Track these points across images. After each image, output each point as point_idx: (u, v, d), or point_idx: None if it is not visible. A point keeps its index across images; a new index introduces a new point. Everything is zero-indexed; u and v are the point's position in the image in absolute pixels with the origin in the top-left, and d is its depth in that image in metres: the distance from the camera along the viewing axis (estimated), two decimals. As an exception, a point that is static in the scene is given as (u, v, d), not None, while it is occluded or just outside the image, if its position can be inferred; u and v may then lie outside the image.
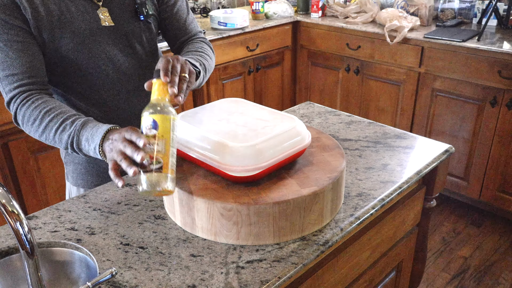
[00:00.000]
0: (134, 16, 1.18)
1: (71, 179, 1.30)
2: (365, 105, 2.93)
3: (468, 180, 2.59)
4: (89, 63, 1.12)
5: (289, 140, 0.97)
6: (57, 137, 1.01)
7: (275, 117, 1.05)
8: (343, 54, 2.91)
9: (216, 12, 2.78)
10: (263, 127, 1.00)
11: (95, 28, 1.11)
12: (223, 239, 0.91)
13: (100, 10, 1.12)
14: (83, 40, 1.10)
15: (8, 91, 1.04)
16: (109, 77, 1.16)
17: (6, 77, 1.04)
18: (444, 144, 1.27)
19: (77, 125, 0.99)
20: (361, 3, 2.91)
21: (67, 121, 1.00)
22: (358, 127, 1.39)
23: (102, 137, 0.94)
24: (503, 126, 2.35)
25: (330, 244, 0.92)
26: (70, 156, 1.27)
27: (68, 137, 0.99)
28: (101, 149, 0.94)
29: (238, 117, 1.06)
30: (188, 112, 1.10)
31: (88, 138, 0.97)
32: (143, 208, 1.03)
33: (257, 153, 0.92)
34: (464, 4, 2.80)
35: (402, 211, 1.21)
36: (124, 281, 0.82)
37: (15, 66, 1.03)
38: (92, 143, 0.95)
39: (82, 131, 0.98)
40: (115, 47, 1.15)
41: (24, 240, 0.69)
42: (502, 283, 2.18)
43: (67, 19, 1.07)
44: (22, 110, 1.03)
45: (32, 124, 1.03)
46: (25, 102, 1.03)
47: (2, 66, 1.03)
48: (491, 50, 2.27)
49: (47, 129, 1.01)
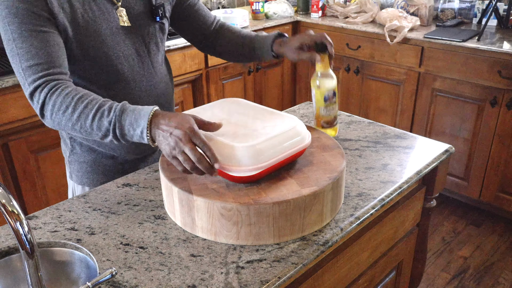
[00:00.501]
0: (149, 17, 1.20)
1: (76, 178, 1.30)
2: (365, 105, 2.93)
3: (468, 180, 2.59)
4: (106, 62, 1.13)
5: (289, 140, 0.97)
6: (95, 124, 0.97)
7: (275, 117, 1.04)
8: (343, 54, 2.91)
9: (216, 12, 2.78)
10: (263, 127, 1.00)
11: (114, 27, 1.13)
12: (223, 239, 0.91)
13: (119, 10, 1.14)
14: (104, 39, 1.11)
15: (32, 81, 1.00)
16: (124, 76, 1.17)
17: (29, 67, 1.00)
18: (444, 144, 1.28)
19: (116, 110, 0.95)
20: (361, 3, 2.91)
21: (104, 106, 0.96)
22: (358, 127, 1.39)
23: (149, 120, 0.91)
24: (503, 126, 2.35)
25: (330, 244, 0.92)
26: (74, 155, 1.26)
27: (109, 123, 0.95)
28: (149, 135, 0.92)
29: (238, 117, 1.05)
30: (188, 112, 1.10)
31: (132, 122, 0.94)
32: (143, 208, 1.03)
33: (258, 153, 0.92)
34: (464, 4, 2.80)
35: (402, 211, 1.21)
36: (124, 281, 0.82)
37: (40, 56, 1.00)
38: (137, 127, 0.93)
39: (123, 115, 0.95)
40: (131, 47, 1.17)
41: (24, 240, 0.69)
42: (502, 283, 2.18)
43: (89, 17, 1.08)
44: (52, 98, 0.99)
45: (64, 112, 0.98)
46: (55, 90, 0.99)
47: (25, 57, 0.99)
48: (491, 50, 2.27)
49: (82, 116, 0.97)
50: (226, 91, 2.81)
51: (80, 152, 1.25)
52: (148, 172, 1.17)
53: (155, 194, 1.08)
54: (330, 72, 1.15)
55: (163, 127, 0.90)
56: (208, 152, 0.88)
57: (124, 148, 1.24)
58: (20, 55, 0.99)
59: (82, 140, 1.23)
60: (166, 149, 0.90)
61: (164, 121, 0.90)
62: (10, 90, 1.88)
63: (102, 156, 1.25)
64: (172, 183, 0.94)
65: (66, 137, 1.26)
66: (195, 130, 0.88)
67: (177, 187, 0.92)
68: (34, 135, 2.01)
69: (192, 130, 0.88)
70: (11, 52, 1.01)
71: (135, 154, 1.28)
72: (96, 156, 1.25)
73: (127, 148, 1.25)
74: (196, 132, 0.88)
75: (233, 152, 0.91)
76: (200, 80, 2.65)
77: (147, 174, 1.16)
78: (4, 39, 1.01)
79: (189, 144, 0.87)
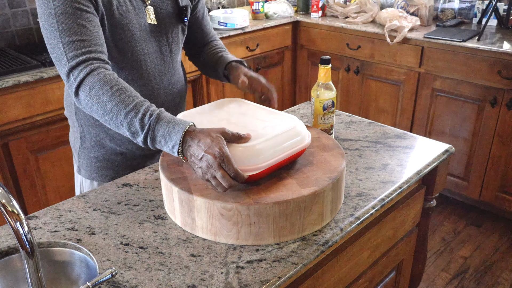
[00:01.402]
0: (175, 18, 1.22)
1: (84, 172, 1.31)
2: (365, 105, 2.93)
3: (468, 180, 2.59)
4: (132, 56, 1.15)
5: (289, 140, 0.97)
6: (125, 122, 0.95)
7: (275, 117, 1.05)
8: (343, 54, 2.91)
9: (216, 12, 2.78)
10: (263, 127, 1.00)
11: (142, 24, 1.15)
12: (223, 239, 0.91)
13: (148, 8, 1.16)
14: (133, 33, 1.13)
15: (74, 56, 0.98)
16: (147, 72, 1.19)
17: (71, 42, 0.98)
18: (444, 144, 1.27)
19: (152, 118, 0.94)
20: (361, 3, 2.91)
21: (140, 108, 0.95)
22: (358, 127, 1.39)
23: (181, 137, 0.91)
24: (503, 126, 2.35)
25: (330, 244, 0.92)
26: (85, 149, 1.27)
27: (142, 128, 0.94)
28: (181, 152, 0.92)
29: (238, 117, 1.05)
30: (187, 112, 1.10)
31: (165, 134, 0.93)
32: (143, 208, 1.03)
33: (257, 153, 0.92)
34: (464, 4, 2.80)
35: (402, 211, 1.21)
36: (124, 281, 0.82)
37: (83, 33, 0.98)
38: (169, 141, 0.92)
39: (157, 125, 0.94)
40: (155, 45, 1.19)
41: (24, 240, 0.69)
42: (502, 283, 2.18)
43: (123, 10, 1.10)
44: (90, 80, 0.97)
45: (99, 99, 0.96)
46: (96, 72, 0.97)
47: (68, 32, 0.97)
48: (491, 50, 2.27)
49: (115, 108, 0.95)
50: (226, 91, 2.81)
51: (90, 146, 1.26)
52: (148, 172, 1.17)
53: (155, 194, 1.08)
54: (330, 83, 1.22)
55: (194, 150, 0.89)
56: (238, 178, 0.88)
57: (134, 145, 1.25)
58: (61, 30, 0.97)
59: (94, 135, 1.24)
60: (199, 172, 0.90)
61: (194, 142, 0.90)
62: (10, 90, 1.88)
63: (112, 152, 1.26)
64: (172, 183, 0.94)
65: (77, 131, 1.26)
66: (226, 154, 0.87)
67: (177, 187, 0.92)
68: (34, 135, 2.01)
69: (222, 156, 0.87)
70: (50, 27, 0.98)
71: (145, 150, 1.28)
72: (106, 152, 1.26)
73: (137, 145, 1.25)
74: (226, 158, 0.87)
75: (233, 152, 0.91)
76: (200, 80, 2.65)
77: (147, 174, 1.17)
78: (43, 14, 0.99)
79: (221, 171, 0.87)
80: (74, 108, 1.24)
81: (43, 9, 1.00)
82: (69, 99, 1.27)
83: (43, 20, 1.00)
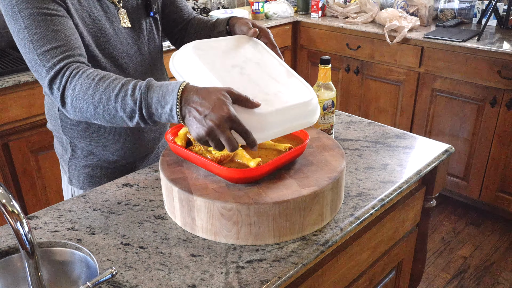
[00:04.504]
0: (145, 14, 1.20)
1: (76, 182, 1.28)
2: (365, 105, 2.93)
3: (468, 180, 2.59)
4: (113, 61, 1.13)
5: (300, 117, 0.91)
6: (118, 105, 0.88)
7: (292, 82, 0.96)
8: (343, 54, 2.91)
9: (216, 12, 2.78)
10: (277, 92, 0.91)
11: (117, 28, 1.13)
12: (223, 239, 0.91)
13: (120, 11, 1.14)
14: (109, 39, 1.11)
15: (52, 65, 0.93)
16: (129, 75, 1.17)
17: (47, 51, 0.93)
18: (444, 144, 1.28)
19: (142, 87, 0.87)
20: (361, 3, 2.91)
21: (127, 86, 0.89)
22: (358, 127, 1.39)
23: (178, 96, 0.83)
24: (503, 126, 2.35)
25: (330, 244, 0.92)
26: (75, 159, 1.24)
27: (135, 103, 0.87)
28: (180, 114, 0.84)
29: (252, 68, 0.96)
30: (201, 43, 1.02)
31: (159, 99, 0.85)
32: (143, 208, 1.03)
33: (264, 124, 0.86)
34: (464, 4, 2.80)
35: (402, 211, 1.21)
36: (124, 281, 0.83)
37: (57, 39, 0.93)
38: (166, 104, 0.84)
39: (149, 93, 0.86)
40: (134, 46, 1.17)
41: (24, 240, 0.69)
42: (502, 283, 2.18)
43: (95, 16, 1.08)
44: (72, 82, 0.91)
45: (84, 95, 0.90)
46: (76, 73, 0.92)
47: (41, 42, 0.93)
48: (490, 50, 2.27)
49: (103, 97, 0.89)
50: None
51: (82, 156, 1.23)
52: (148, 172, 1.17)
53: (155, 194, 1.08)
54: (330, 84, 1.23)
55: (197, 107, 0.82)
56: (249, 139, 0.83)
57: (128, 150, 1.24)
58: (34, 41, 0.93)
59: (85, 145, 1.21)
60: (198, 133, 0.83)
61: (197, 98, 0.82)
62: (10, 90, 1.88)
63: (104, 160, 1.24)
64: (172, 183, 0.94)
65: (66, 142, 1.23)
66: (235, 116, 0.81)
67: (177, 187, 0.92)
68: (34, 135, 2.01)
69: (232, 116, 0.80)
70: (23, 41, 0.94)
71: (135, 155, 1.28)
72: (99, 160, 1.24)
73: (130, 150, 1.25)
74: (236, 119, 0.81)
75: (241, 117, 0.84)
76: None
77: (147, 174, 1.17)
78: (14, 29, 0.95)
79: (227, 133, 0.81)
80: (59, 122, 1.19)
81: (12, 24, 0.95)
82: (52, 113, 1.21)
83: (15, 35, 0.95)
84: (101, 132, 1.19)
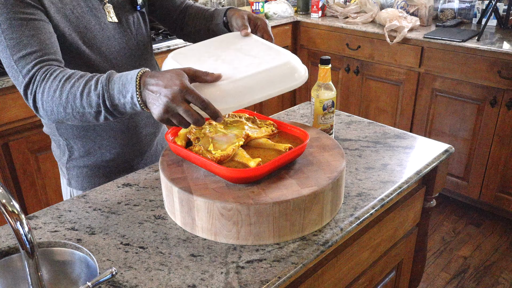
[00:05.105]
0: (132, 8, 1.19)
1: (75, 183, 1.28)
2: (365, 105, 2.93)
3: (468, 180, 2.59)
4: (101, 58, 1.13)
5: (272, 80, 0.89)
6: (84, 102, 0.89)
7: (269, 53, 0.95)
8: (343, 54, 2.91)
9: (216, 12, 2.78)
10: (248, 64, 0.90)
11: (103, 23, 1.12)
12: (223, 239, 0.91)
13: (106, 6, 1.13)
14: (95, 35, 1.10)
15: (27, 72, 0.93)
16: (120, 70, 1.16)
17: (22, 57, 0.93)
18: (444, 144, 1.28)
19: (103, 80, 0.87)
20: (361, 3, 2.91)
21: (90, 82, 0.89)
22: (358, 127, 1.39)
23: (137, 83, 0.84)
24: (503, 126, 2.35)
25: (330, 244, 0.92)
26: (73, 160, 1.24)
27: (98, 97, 0.87)
28: (140, 99, 0.84)
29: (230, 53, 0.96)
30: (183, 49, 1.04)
31: (120, 89, 0.85)
32: (143, 208, 1.03)
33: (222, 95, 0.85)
34: (464, 4, 2.80)
35: (402, 211, 1.21)
36: (124, 281, 0.83)
37: (32, 44, 0.93)
38: (126, 93, 0.85)
39: (110, 84, 0.87)
40: (122, 41, 1.17)
41: (24, 240, 0.69)
42: (502, 283, 2.19)
43: (79, 13, 1.07)
44: (41, 86, 0.91)
45: (52, 96, 0.91)
46: (44, 77, 0.92)
47: (17, 48, 0.93)
48: (490, 50, 2.27)
49: (69, 96, 0.89)
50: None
51: (79, 156, 1.23)
52: (148, 172, 1.17)
53: (155, 194, 1.08)
54: (330, 83, 1.23)
55: (152, 87, 0.82)
56: (208, 110, 0.82)
57: (125, 147, 1.24)
58: (10, 46, 0.93)
59: (82, 145, 1.21)
60: (157, 112, 0.82)
61: (152, 80, 0.83)
62: (10, 90, 1.88)
63: (102, 159, 1.24)
64: (172, 183, 0.94)
65: (63, 144, 1.23)
66: (188, 86, 0.81)
67: (177, 187, 0.92)
68: (34, 135, 2.01)
69: (184, 87, 0.80)
70: (1, 46, 0.94)
71: (132, 152, 1.27)
72: (96, 159, 1.24)
73: (127, 147, 1.25)
74: (189, 89, 0.81)
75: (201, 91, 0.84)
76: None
77: (147, 174, 1.17)
78: None
79: (183, 105, 0.81)
80: (54, 124, 1.19)
81: None
82: None
83: None
84: (96, 130, 1.19)
